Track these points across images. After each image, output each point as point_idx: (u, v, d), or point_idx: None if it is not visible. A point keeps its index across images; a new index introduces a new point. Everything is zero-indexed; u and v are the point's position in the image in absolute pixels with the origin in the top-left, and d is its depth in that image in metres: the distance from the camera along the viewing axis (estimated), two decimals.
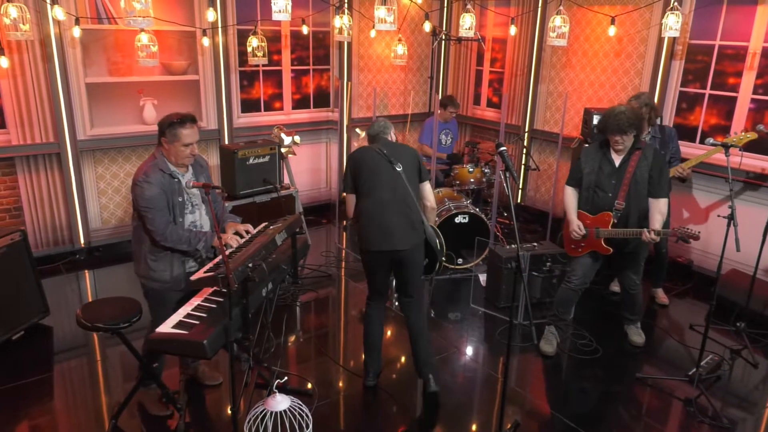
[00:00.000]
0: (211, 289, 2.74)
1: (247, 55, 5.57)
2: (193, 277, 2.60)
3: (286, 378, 3.10)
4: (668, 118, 5.26)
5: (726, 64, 4.91)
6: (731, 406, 3.51)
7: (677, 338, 4.26)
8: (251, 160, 4.76)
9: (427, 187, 3.44)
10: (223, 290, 2.45)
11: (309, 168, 6.72)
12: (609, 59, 5.66)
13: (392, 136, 3.52)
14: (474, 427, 3.30)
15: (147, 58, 4.78)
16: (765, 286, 4.40)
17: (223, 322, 2.51)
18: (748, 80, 4.75)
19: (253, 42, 5.46)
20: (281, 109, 6.42)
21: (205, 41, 5.40)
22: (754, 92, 4.73)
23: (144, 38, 4.68)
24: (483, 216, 5.18)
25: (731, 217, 3.33)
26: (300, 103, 6.56)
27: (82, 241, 5.33)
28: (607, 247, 3.69)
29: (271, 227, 3.12)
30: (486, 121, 7.09)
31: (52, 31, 4.73)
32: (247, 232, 3.13)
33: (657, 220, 3.56)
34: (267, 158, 4.88)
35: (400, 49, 6.68)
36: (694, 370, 3.61)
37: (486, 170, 5.73)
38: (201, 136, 5.67)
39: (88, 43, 5.04)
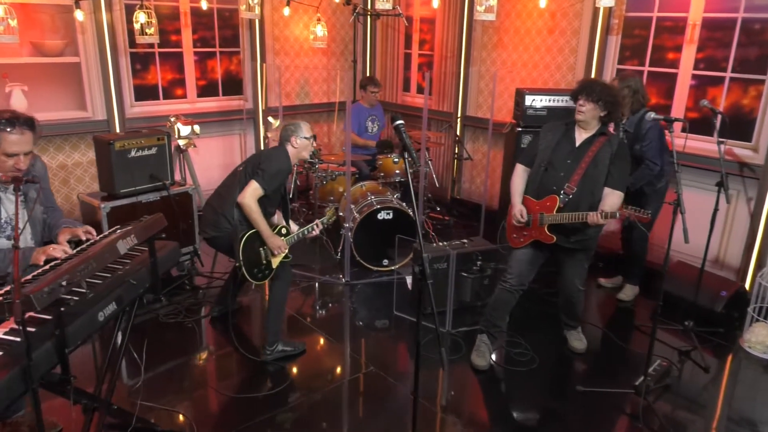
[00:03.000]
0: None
1: (136, 34, 4.83)
2: None
3: (132, 426, 2.45)
4: None
5: (665, 37, 4.51)
6: (680, 420, 3.07)
7: (621, 341, 3.82)
8: (133, 153, 4.02)
9: (250, 184, 3.28)
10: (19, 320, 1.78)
11: (221, 163, 6.00)
12: (542, 36, 5.20)
13: (296, 140, 3.43)
14: None
15: (3, 34, 3.99)
16: (713, 279, 4.01)
17: (23, 364, 1.84)
18: (688, 54, 4.36)
19: (141, 17, 4.71)
20: (184, 96, 5.68)
21: (79, 15, 4.60)
22: (695, 67, 4.35)
23: None
24: (410, 211, 4.62)
25: (678, 203, 2.87)
26: (207, 91, 5.83)
27: None
28: (551, 234, 3.22)
29: (118, 231, 2.45)
30: (416, 108, 6.52)
31: None
32: (90, 237, 2.45)
33: (608, 204, 3.11)
34: (154, 150, 4.15)
35: (320, 30, 6.06)
36: (642, 379, 3.15)
37: None
38: (86, 127, 4.99)
39: None
